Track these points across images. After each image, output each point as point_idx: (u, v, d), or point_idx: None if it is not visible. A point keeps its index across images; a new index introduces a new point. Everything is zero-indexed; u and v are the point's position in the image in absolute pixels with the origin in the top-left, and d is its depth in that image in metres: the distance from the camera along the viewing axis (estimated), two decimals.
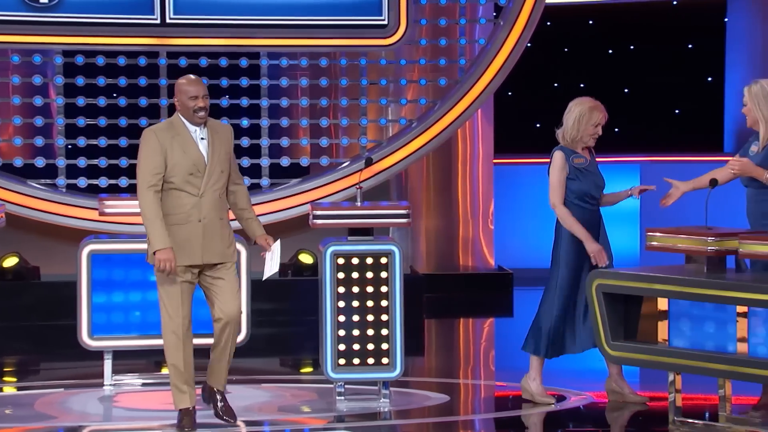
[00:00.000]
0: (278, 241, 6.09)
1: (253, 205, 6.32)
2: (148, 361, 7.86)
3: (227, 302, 5.99)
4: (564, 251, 6.56)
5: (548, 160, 6.65)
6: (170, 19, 9.44)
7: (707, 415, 6.27)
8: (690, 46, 11.95)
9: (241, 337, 7.12)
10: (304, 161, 9.86)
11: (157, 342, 7.15)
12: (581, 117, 6.58)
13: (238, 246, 7.21)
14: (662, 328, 6.04)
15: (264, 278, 6.14)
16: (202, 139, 5.99)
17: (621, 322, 6.16)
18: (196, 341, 6.87)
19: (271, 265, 6.06)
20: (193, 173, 5.93)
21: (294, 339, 9.00)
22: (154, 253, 5.89)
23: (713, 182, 6.32)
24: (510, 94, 11.52)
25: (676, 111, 12.08)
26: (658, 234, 6.23)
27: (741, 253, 5.93)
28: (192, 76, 6.07)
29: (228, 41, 9.52)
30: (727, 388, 6.00)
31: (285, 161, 9.76)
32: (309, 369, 8.13)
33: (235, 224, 6.23)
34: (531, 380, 6.65)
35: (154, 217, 5.88)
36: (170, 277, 5.92)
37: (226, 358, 6.13)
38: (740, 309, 5.78)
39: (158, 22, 9.43)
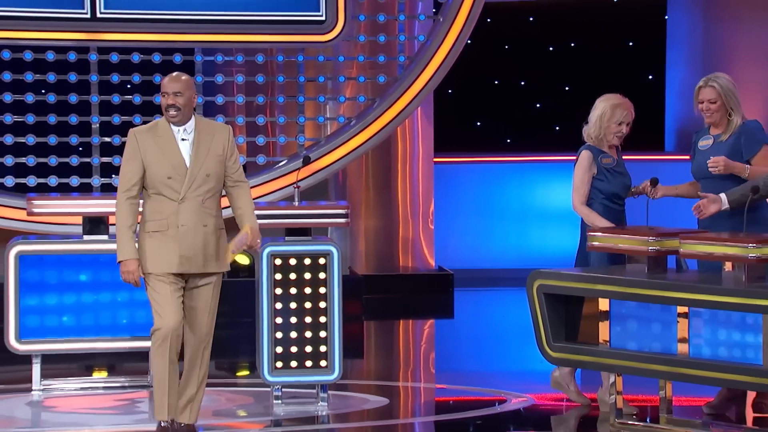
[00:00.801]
0: (251, 236, 5.67)
1: None
2: (79, 365, 7.73)
3: (197, 318, 5.71)
4: (595, 254, 6.35)
5: (490, 158, 6.55)
6: (101, 13, 9.27)
7: (648, 416, 6.23)
8: (630, 43, 11.97)
9: None
10: (240, 159, 9.70)
11: (89, 345, 7.03)
12: (603, 115, 6.41)
13: None
14: (603, 329, 6.00)
15: (228, 257, 5.71)
16: (183, 140, 5.68)
17: (562, 323, 6.11)
18: (136, 344, 6.71)
19: (237, 249, 5.67)
20: (172, 177, 5.63)
21: (230, 341, 8.86)
22: (120, 263, 5.64)
23: (654, 181, 6.28)
24: (450, 91, 11.46)
25: None
26: (599, 234, 6.20)
27: (682, 253, 5.91)
28: (175, 73, 5.74)
29: (161, 37, 9.37)
30: (667, 389, 5.99)
31: None
32: (245, 372, 8.03)
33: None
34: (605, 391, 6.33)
35: (122, 226, 5.63)
36: (157, 277, 5.63)
37: (194, 381, 5.71)
38: (681, 309, 5.75)
39: (88, 16, 9.26)
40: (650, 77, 11.89)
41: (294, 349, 6.61)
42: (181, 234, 5.64)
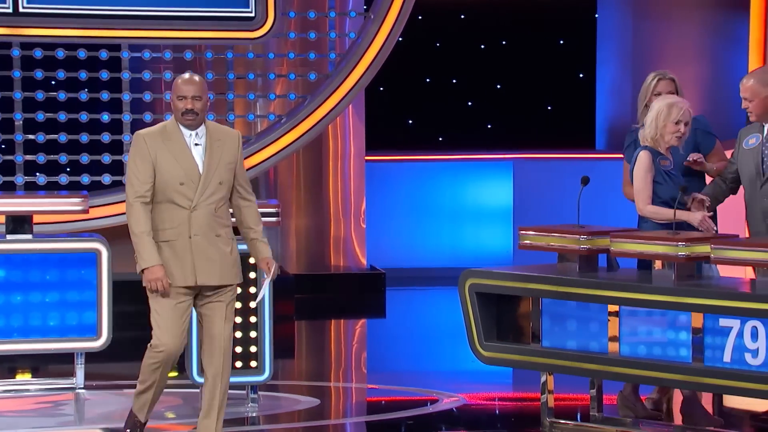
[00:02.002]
0: (276, 265, 5.69)
1: (113, 204, 6.01)
2: (2, 367, 7.57)
3: (214, 326, 5.54)
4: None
5: (421, 157, 6.47)
6: (24, 7, 9.12)
7: (579, 415, 6.24)
8: (561, 41, 12.01)
9: (101, 342, 6.91)
10: None
11: (16, 347, 6.89)
12: (659, 114, 6.16)
13: (98, 245, 6.94)
14: (534, 328, 5.98)
15: (256, 301, 5.80)
16: (196, 145, 5.47)
17: (494, 323, 6.09)
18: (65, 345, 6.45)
19: (265, 289, 5.73)
20: (184, 183, 5.42)
21: None
22: (143, 271, 5.43)
23: (585, 180, 6.28)
24: (381, 89, 11.42)
25: (549, 107, 12.13)
26: (531, 233, 6.19)
27: (612, 251, 5.92)
28: (187, 75, 5.51)
29: (87, 32, 9.23)
30: (598, 387, 5.98)
31: None
32: (174, 373, 7.87)
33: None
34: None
35: (141, 232, 5.40)
36: (164, 292, 5.45)
37: (216, 397, 5.59)
38: (612, 308, 5.76)
39: (10, 11, 9.10)
40: (581, 75, 11.95)
41: None
42: (195, 244, 5.45)
